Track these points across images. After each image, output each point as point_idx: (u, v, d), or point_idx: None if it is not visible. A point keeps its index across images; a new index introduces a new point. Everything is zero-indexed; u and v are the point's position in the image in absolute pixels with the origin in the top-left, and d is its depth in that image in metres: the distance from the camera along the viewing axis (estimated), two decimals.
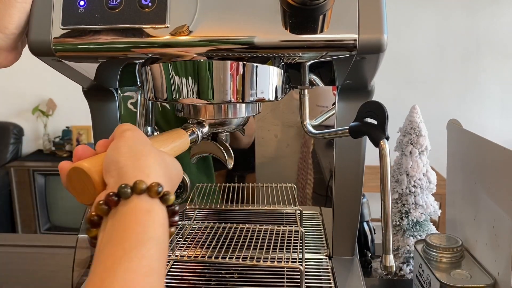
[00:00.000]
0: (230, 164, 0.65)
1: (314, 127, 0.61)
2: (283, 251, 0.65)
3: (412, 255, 0.82)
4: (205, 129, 0.55)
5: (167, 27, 0.47)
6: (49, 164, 2.89)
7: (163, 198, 0.36)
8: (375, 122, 0.51)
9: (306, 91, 0.61)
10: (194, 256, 0.61)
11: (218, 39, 0.47)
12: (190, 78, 0.50)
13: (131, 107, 0.78)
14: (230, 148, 0.65)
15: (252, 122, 0.86)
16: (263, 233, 0.71)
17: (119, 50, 0.49)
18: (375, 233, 0.92)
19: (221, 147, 0.64)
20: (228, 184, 0.86)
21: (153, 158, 0.40)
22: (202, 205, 0.79)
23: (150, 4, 0.47)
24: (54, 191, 2.89)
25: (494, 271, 0.62)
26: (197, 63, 0.50)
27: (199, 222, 0.81)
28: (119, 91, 0.68)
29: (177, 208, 0.38)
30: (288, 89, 0.63)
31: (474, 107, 2.94)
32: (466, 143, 0.73)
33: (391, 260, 0.50)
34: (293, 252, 0.65)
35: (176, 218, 0.38)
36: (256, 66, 0.51)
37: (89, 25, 0.48)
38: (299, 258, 0.63)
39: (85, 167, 0.38)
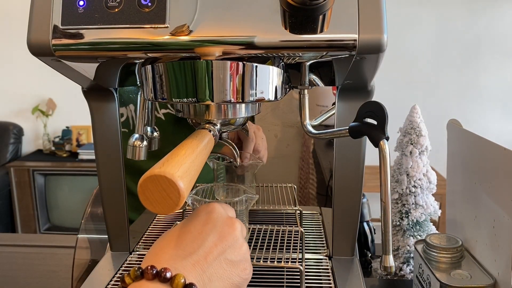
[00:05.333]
0: (238, 162, 0.66)
1: (314, 127, 0.61)
2: (283, 251, 0.65)
3: (412, 255, 0.82)
4: (218, 127, 0.55)
5: (167, 27, 0.47)
6: (49, 164, 2.89)
7: None
8: (375, 122, 0.51)
9: (306, 91, 0.61)
10: None
11: (218, 39, 0.47)
12: (189, 78, 0.50)
13: (131, 108, 0.79)
14: (235, 146, 0.65)
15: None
16: (263, 233, 0.71)
17: (119, 50, 0.49)
18: (375, 233, 0.92)
19: (230, 146, 0.64)
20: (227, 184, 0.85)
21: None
22: (200, 205, 0.79)
23: (149, 4, 0.47)
24: (54, 191, 2.90)
25: (494, 271, 0.62)
26: (196, 63, 0.49)
27: None
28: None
29: None
30: (288, 89, 0.63)
31: (474, 107, 2.94)
32: (466, 143, 0.73)
33: (390, 261, 0.50)
34: (293, 252, 0.65)
35: None
36: (256, 66, 0.51)
37: (88, 25, 0.48)
38: (299, 258, 0.63)
39: (168, 174, 0.37)
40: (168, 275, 0.36)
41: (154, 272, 0.37)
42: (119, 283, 0.38)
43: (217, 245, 0.42)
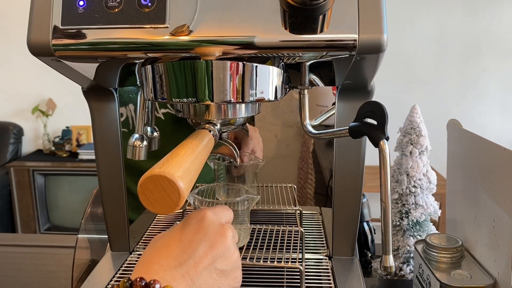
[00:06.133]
0: (238, 162, 0.66)
1: (314, 127, 0.61)
2: (283, 251, 0.65)
3: (412, 255, 0.82)
4: (218, 127, 0.55)
5: (167, 27, 0.47)
6: (48, 164, 2.89)
7: None
8: (375, 122, 0.51)
9: (306, 91, 0.61)
10: None
11: (218, 39, 0.47)
12: (189, 78, 0.50)
13: (130, 108, 0.78)
14: (235, 146, 0.65)
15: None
16: (263, 233, 0.71)
17: (119, 50, 0.49)
18: (375, 233, 0.92)
19: (230, 146, 0.64)
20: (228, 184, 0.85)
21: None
22: (202, 206, 0.79)
23: (149, 4, 0.47)
24: (53, 191, 2.90)
25: (494, 271, 0.62)
26: (196, 63, 0.49)
27: None
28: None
29: None
30: (288, 89, 0.63)
31: (474, 107, 2.94)
32: (466, 143, 0.73)
33: (390, 261, 0.50)
34: (293, 252, 0.65)
35: None
36: (256, 66, 0.51)
37: (88, 25, 0.48)
38: (299, 258, 0.63)
39: (168, 174, 0.37)
40: (157, 287, 0.36)
41: (143, 284, 0.36)
42: None
43: (208, 255, 0.42)
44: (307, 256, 0.72)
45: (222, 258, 0.43)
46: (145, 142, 0.64)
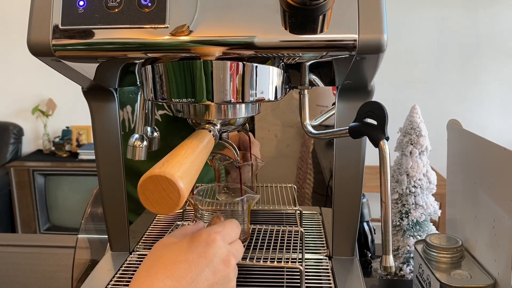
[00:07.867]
0: (238, 162, 0.67)
1: (314, 127, 0.61)
2: (283, 251, 0.65)
3: (412, 255, 0.82)
4: (218, 127, 0.55)
5: (167, 27, 0.47)
6: (48, 164, 2.90)
7: None
8: (375, 122, 0.51)
9: (306, 91, 0.61)
10: None
11: (218, 39, 0.47)
12: (189, 78, 0.50)
13: (127, 110, 0.78)
14: (235, 146, 0.65)
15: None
16: (263, 233, 0.71)
17: (119, 50, 0.49)
18: (375, 233, 0.91)
19: (230, 146, 0.64)
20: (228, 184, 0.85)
21: None
22: (202, 206, 0.79)
23: (149, 4, 0.47)
24: (54, 191, 2.90)
25: (494, 271, 0.62)
26: (196, 63, 0.49)
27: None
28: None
29: None
30: (288, 89, 0.63)
31: (474, 107, 2.94)
32: (466, 143, 0.73)
33: (390, 261, 0.50)
34: (293, 252, 0.65)
35: None
36: (256, 66, 0.51)
37: (88, 25, 0.48)
38: (299, 258, 0.63)
39: (168, 174, 0.37)
40: None
41: None
42: None
43: (208, 280, 0.45)
44: (307, 256, 0.72)
45: (219, 285, 0.46)
46: (145, 142, 0.64)
